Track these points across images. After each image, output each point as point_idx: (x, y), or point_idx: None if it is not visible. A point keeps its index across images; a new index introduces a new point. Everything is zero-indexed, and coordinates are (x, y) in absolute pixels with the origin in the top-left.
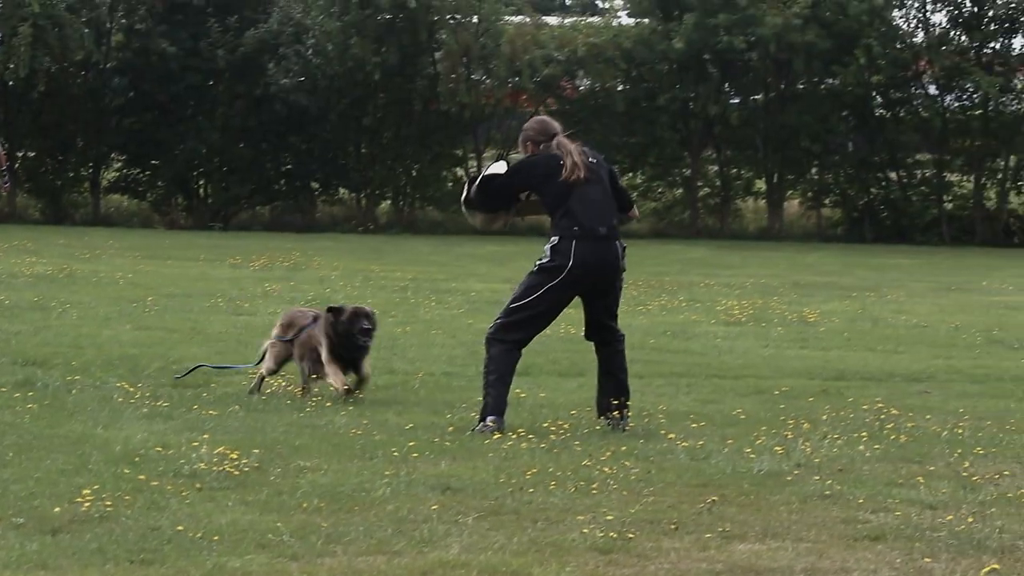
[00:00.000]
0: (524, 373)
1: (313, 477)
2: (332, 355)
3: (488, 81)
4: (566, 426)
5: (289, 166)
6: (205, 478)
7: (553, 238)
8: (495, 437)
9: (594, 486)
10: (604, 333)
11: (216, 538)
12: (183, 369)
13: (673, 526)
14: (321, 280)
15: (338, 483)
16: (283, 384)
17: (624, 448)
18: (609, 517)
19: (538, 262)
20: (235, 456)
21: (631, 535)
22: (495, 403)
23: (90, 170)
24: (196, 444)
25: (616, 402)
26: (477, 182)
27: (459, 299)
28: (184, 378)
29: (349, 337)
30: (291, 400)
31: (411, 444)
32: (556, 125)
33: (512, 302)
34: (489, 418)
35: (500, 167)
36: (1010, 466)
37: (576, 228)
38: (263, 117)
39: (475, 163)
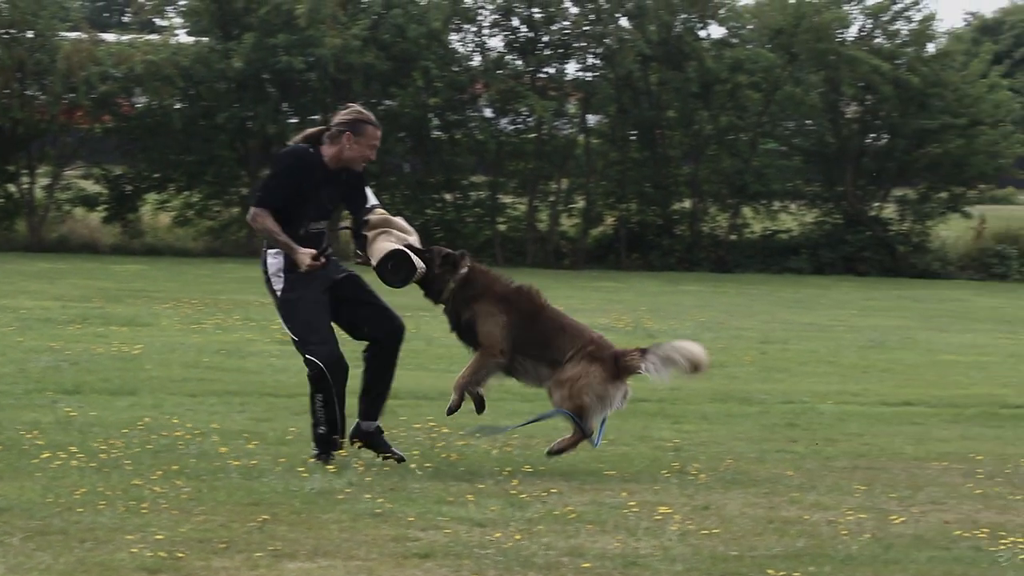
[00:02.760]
0: (75, 391)
1: None
2: None
3: (43, 97)
4: (118, 444)
5: None
6: None
7: None
8: (44, 456)
9: (144, 505)
10: None
11: None
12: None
13: (223, 545)
14: None
15: None
16: None
17: (175, 467)
18: (159, 536)
19: None
20: None
21: (181, 554)
22: None
23: None
24: None
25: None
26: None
27: (9, 316)
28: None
29: None
30: None
31: None
32: None
33: None
34: None
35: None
36: (557, 484)
37: None
38: None
39: (28, 180)
